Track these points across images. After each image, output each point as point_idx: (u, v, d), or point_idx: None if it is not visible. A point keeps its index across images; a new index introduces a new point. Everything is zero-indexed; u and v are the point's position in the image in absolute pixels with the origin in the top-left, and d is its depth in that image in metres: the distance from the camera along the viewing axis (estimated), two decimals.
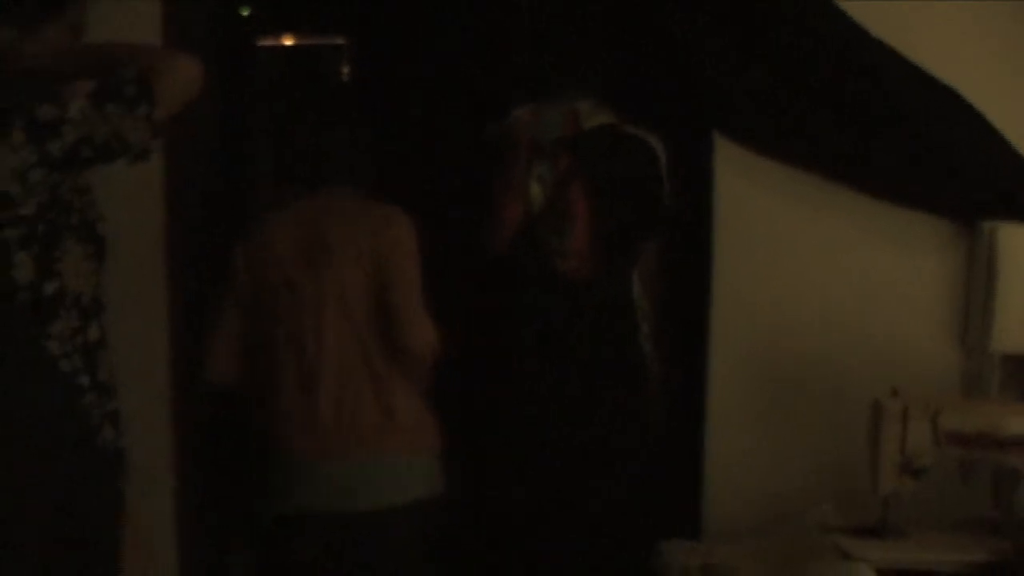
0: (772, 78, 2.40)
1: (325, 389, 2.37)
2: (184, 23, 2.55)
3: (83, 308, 1.94)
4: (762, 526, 2.31)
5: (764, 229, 2.47)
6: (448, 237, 2.69)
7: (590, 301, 2.53)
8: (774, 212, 2.46)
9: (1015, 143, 2.35)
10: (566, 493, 2.52)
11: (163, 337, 2.50)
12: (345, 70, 4.75)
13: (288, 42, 4.91)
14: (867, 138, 2.41)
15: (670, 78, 2.46)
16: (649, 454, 2.53)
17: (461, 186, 2.72)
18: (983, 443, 2.11)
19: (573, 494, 2.52)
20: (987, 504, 2.18)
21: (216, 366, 2.46)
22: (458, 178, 2.76)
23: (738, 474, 2.47)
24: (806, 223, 2.46)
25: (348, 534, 2.39)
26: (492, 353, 2.60)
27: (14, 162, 1.82)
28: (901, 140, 2.39)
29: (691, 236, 2.51)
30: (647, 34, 2.47)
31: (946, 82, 2.34)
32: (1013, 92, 2.38)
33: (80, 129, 1.85)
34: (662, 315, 2.60)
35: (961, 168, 2.36)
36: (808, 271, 2.47)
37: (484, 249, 2.59)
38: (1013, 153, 2.34)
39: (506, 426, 2.59)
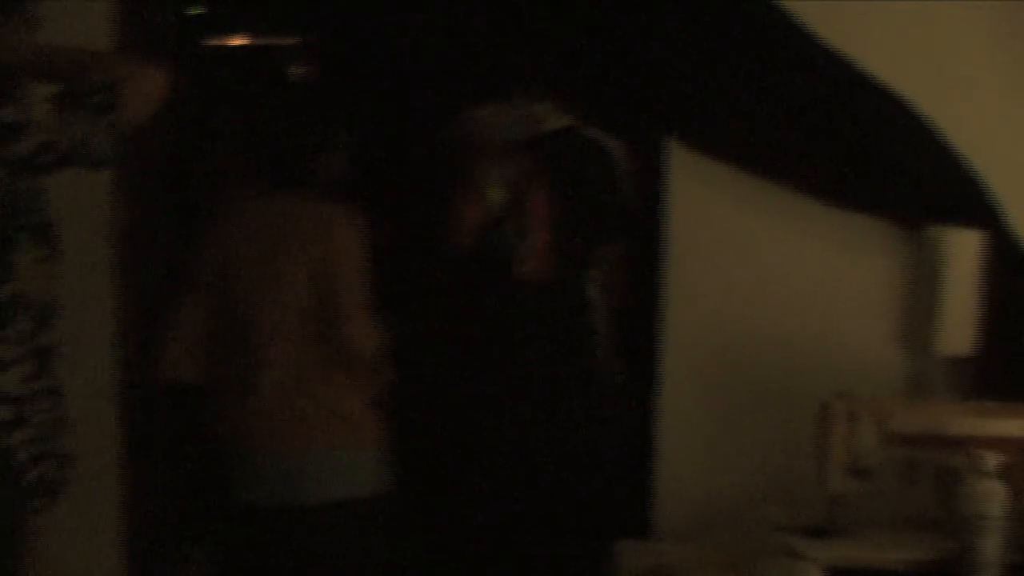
0: (723, 85, 2.42)
1: (269, 385, 2.41)
2: (137, 21, 2.52)
3: (37, 312, 1.92)
4: (712, 526, 2.34)
5: (716, 233, 2.50)
6: (407, 238, 2.70)
7: (549, 303, 2.53)
8: (726, 216, 2.49)
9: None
10: (520, 495, 2.51)
11: (110, 338, 2.49)
12: (298, 70, 4.71)
13: (239, 42, 4.86)
14: (815, 144, 2.45)
15: (626, 83, 2.48)
16: (604, 457, 2.54)
17: (420, 187, 2.71)
18: (928, 443, 2.15)
19: (527, 496, 2.51)
20: (931, 503, 2.22)
21: (171, 363, 2.50)
22: (417, 179, 2.75)
23: (689, 475, 2.49)
24: (757, 227, 2.49)
25: (295, 528, 2.42)
26: (450, 354, 2.59)
27: None
28: (848, 146, 2.43)
29: (645, 239, 2.53)
30: (605, 38, 2.49)
31: (889, 87, 2.38)
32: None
33: (43, 134, 1.82)
34: (619, 318, 2.62)
35: (906, 174, 2.40)
36: (758, 275, 2.50)
37: (443, 251, 2.59)
38: (956, 159, 2.38)
39: (462, 426, 2.59)
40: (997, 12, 2.40)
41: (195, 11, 4.42)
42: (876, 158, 2.40)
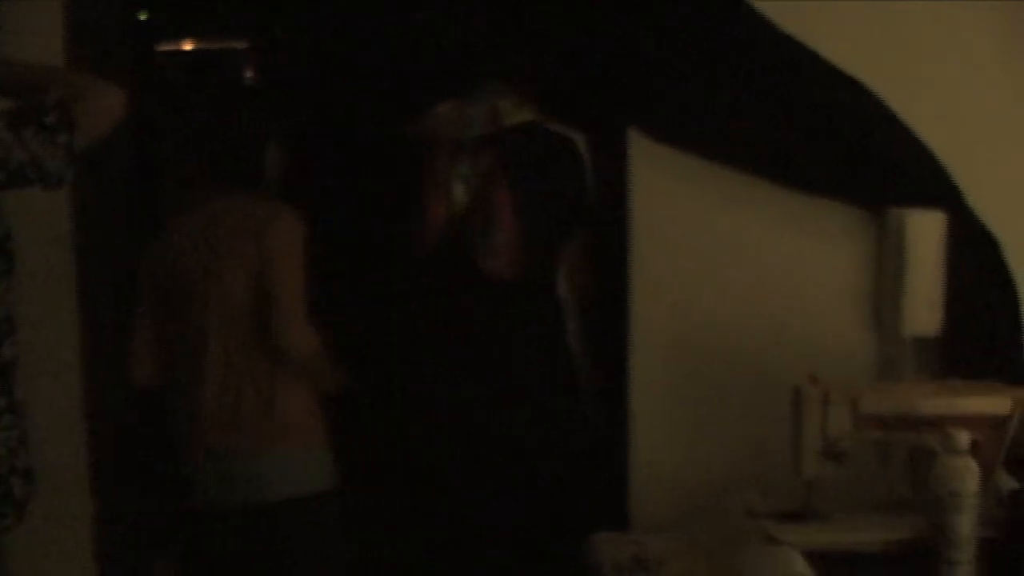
0: (683, 73, 2.40)
1: (209, 386, 2.45)
2: (86, 26, 2.47)
3: None
4: (689, 515, 2.32)
5: (680, 222, 2.46)
6: (367, 239, 2.67)
7: (516, 300, 2.51)
8: (689, 205, 2.46)
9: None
10: (493, 491, 2.49)
11: (74, 348, 2.44)
12: (248, 73, 4.66)
13: (188, 47, 4.79)
14: (777, 130, 2.43)
15: (586, 74, 2.46)
16: (578, 450, 2.53)
17: (380, 187, 2.68)
18: (900, 424, 2.15)
19: (501, 493, 2.49)
20: (905, 483, 2.23)
21: (136, 368, 2.57)
22: (377, 179, 2.72)
23: (663, 464, 2.46)
24: (722, 215, 2.46)
25: (243, 529, 2.46)
26: (419, 352, 2.56)
27: None
28: (810, 131, 2.42)
29: (609, 232, 2.51)
30: (563, 29, 2.47)
31: (851, 73, 2.39)
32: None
33: None
34: (586, 312, 2.60)
35: (869, 157, 2.40)
36: (725, 262, 2.47)
37: (406, 251, 2.56)
38: (918, 142, 2.39)
39: (433, 424, 2.56)
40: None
41: (144, 16, 4.37)
42: (838, 142, 2.37)
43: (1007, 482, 2.10)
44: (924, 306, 2.38)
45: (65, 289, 2.41)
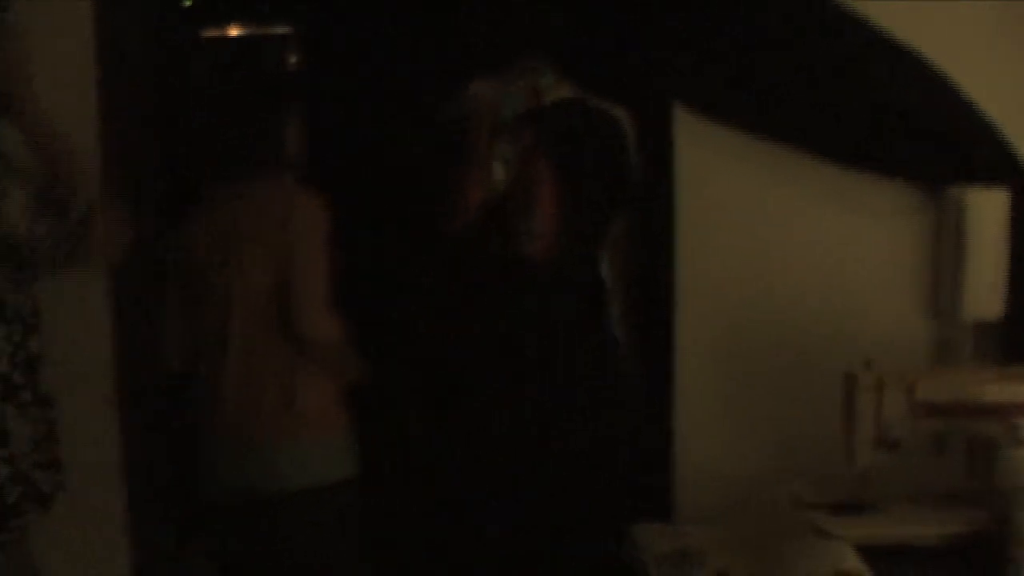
0: (730, 45, 2.31)
1: (231, 375, 2.41)
2: (116, 23, 2.42)
3: (23, 320, 1.88)
4: (735, 506, 2.22)
5: (727, 201, 2.38)
6: (400, 225, 2.59)
7: (557, 286, 2.39)
8: (737, 184, 2.37)
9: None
10: (534, 485, 2.40)
11: (106, 337, 2.40)
12: (292, 58, 4.61)
13: (233, 32, 4.76)
14: (829, 103, 2.33)
15: (629, 47, 2.36)
16: (622, 439, 2.43)
17: (414, 170, 2.60)
18: (959, 412, 2.04)
19: (541, 486, 2.40)
20: (963, 475, 2.12)
21: (174, 355, 2.55)
22: (411, 162, 2.64)
23: (709, 453, 2.37)
24: (770, 195, 2.37)
25: (264, 518, 2.41)
26: (458, 340, 2.48)
27: None
28: (864, 105, 2.31)
29: (654, 211, 2.41)
30: (605, 1, 2.38)
31: (905, 44, 2.28)
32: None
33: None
34: (630, 296, 2.50)
35: (925, 132, 2.28)
36: (774, 243, 2.38)
37: (441, 236, 2.48)
38: (977, 115, 2.26)
39: (475, 414, 2.48)
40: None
41: (189, 2, 4.33)
42: (895, 116, 2.28)
43: None
44: (985, 289, 2.26)
45: (95, 279, 2.36)
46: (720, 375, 2.38)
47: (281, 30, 4.56)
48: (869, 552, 1.83)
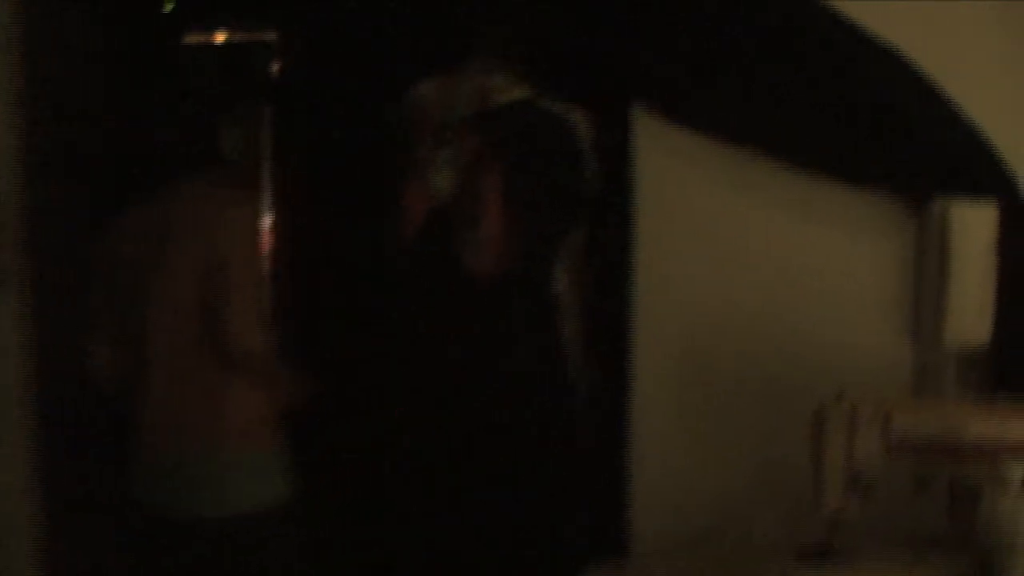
0: (698, 43, 2.08)
1: (153, 388, 2.22)
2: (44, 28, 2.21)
3: None
4: (694, 543, 2.00)
5: (691, 212, 2.15)
6: (345, 233, 2.35)
7: (506, 302, 2.15)
8: (702, 193, 2.15)
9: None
10: (479, 516, 2.17)
11: (20, 348, 2.21)
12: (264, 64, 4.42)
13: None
14: (803, 106, 2.10)
15: (586, 44, 2.12)
16: (574, 469, 2.19)
17: (359, 175, 2.36)
18: (939, 451, 1.79)
19: (487, 517, 2.17)
20: (944, 519, 1.87)
21: (100, 368, 2.32)
22: (357, 166, 2.40)
23: (668, 484, 2.14)
24: (738, 205, 2.14)
25: (191, 541, 2.20)
26: (399, 359, 2.25)
27: None
28: (841, 108, 2.08)
29: (611, 221, 2.17)
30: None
31: (887, 44, 2.03)
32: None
33: None
34: (587, 314, 2.26)
35: (908, 139, 2.04)
36: (742, 258, 2.15)
37: (388, 245, 2.24)
38: (965, 123, 2.02)
39: (410, 440, 2.24)
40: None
41: (170, 7, 4.12)
42: (875, 121, 2.05)
43: None
44: (971, 313, 2.01)
45: (9, 288, 2.15)
46: (681, 401, 2.14)
47: (263, 35, 4.39)
48: None
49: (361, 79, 3.16)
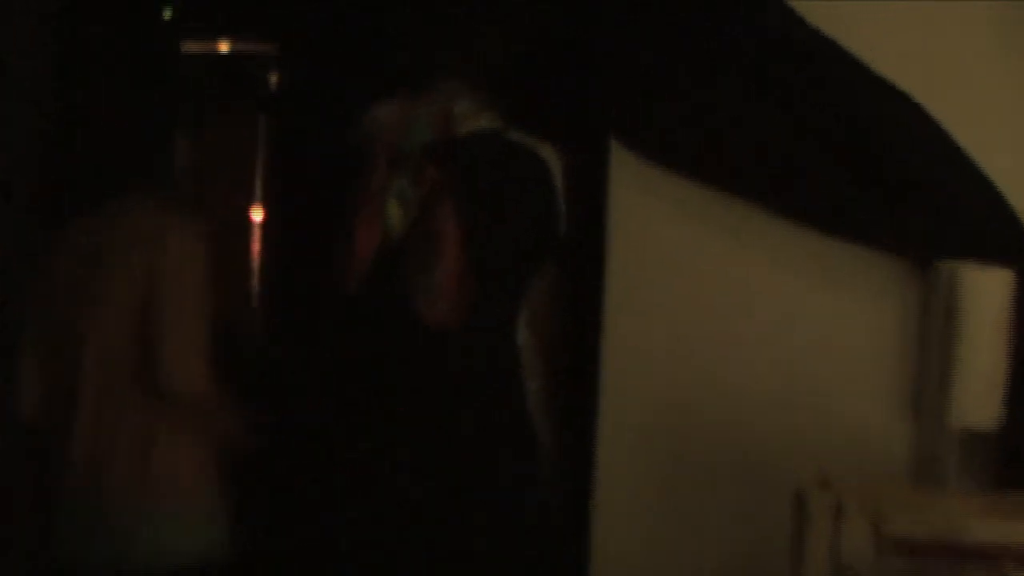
0: (683, 72, 1.83)
1: (81, 425, 1.99)
2: None
3: None
4: None
5: (670, 261, 1.90)
6: (297, 266, 2.10)
7: (464, 354, 1.90)
8: (682, 240, 1.89)
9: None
10: None
11: None
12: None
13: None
14: (801, 151, 1.84)
15: (559, 70, 1.88)
16: (532, 540, 1.93)
17: (313, 205, 2.12)
18: (937, 553, 1.53)
19: None
20: None
21: (26, 404, 2.10)
22: (312, 195, 2.16)
23: (632, 565, 1.87)
24: (722, 256, 1.88)
25: None
26: (341, 412, 2.00)
27: None
28: (840, 155, 1.82)
29: (581, 268, 1.91)
30: (533, 16, 1.89)
31: (898, 85, 1.78)
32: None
33: None
34: (550, 366, 2.00)
35: (914, 192, 1.78)
36: (723, 313, 1.89)
37: (335, 285, 1.98)
38: (980, 176, 1.76)
39: (358, 498, 1.98)
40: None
41: (169, 14, 3.93)
42: (875, 170, 1.79)
43: None
44: (979, 389, 1.72)
45: None
46: (649, 468, 1.88)
47: (264, 47, 4.22)
48: None
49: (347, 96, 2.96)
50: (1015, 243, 1.74)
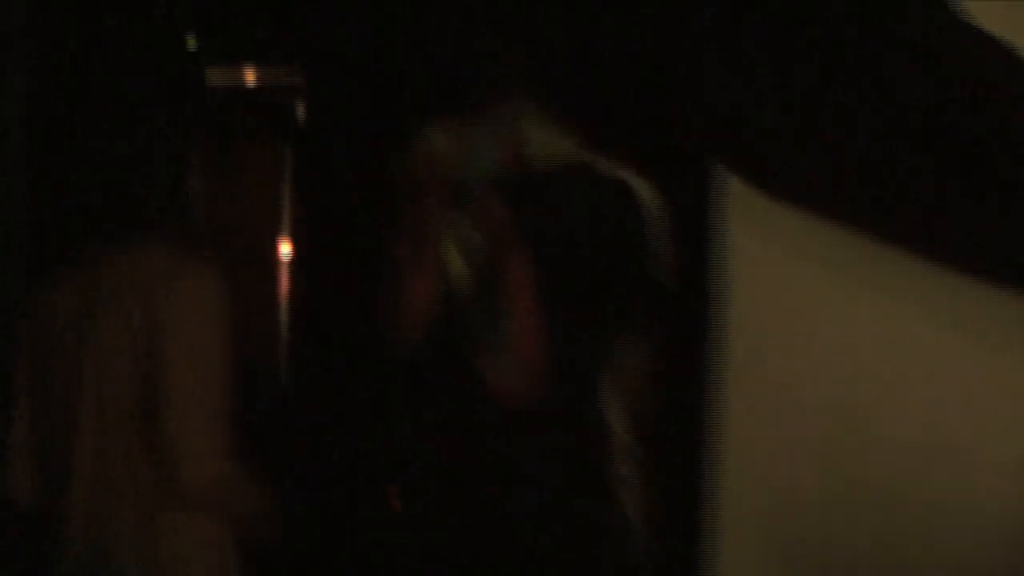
0: (798, 88, 1.52)
1: (74, 509, 1.70)
2: None
3: None
4: None
5: (791, 310, 1.58)
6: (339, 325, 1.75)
7: (539, 431, 1.52)
8: (806, 287, 1.56)
9: None
10: None
11: None
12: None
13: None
14: (938, 178, 1.52)
15: (655, 90, 1.53)
16: None
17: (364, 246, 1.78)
18: None
19: None
20: None
21: (17, 481, 1.77)
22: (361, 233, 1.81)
23: None
24: (855, 302, 1.56)
25: None
26: (406, 498, 1.65)
27: None
28: (992, 184, 1.50)
29: (685, 324, 1.56)
30: (621, 29, 1.55)
31: None
32: None
33: None
34: (648, 443, 1.64)
35: None
36: (858, 368, 1.56)
37: (386, 347, 1.63)
38: None
39: None
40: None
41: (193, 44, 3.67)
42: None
43: None
44: None
45: None
46: (770, 569, 1.50)
47: (291, 72, 4.01)
48: None
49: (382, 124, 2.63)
50: None
